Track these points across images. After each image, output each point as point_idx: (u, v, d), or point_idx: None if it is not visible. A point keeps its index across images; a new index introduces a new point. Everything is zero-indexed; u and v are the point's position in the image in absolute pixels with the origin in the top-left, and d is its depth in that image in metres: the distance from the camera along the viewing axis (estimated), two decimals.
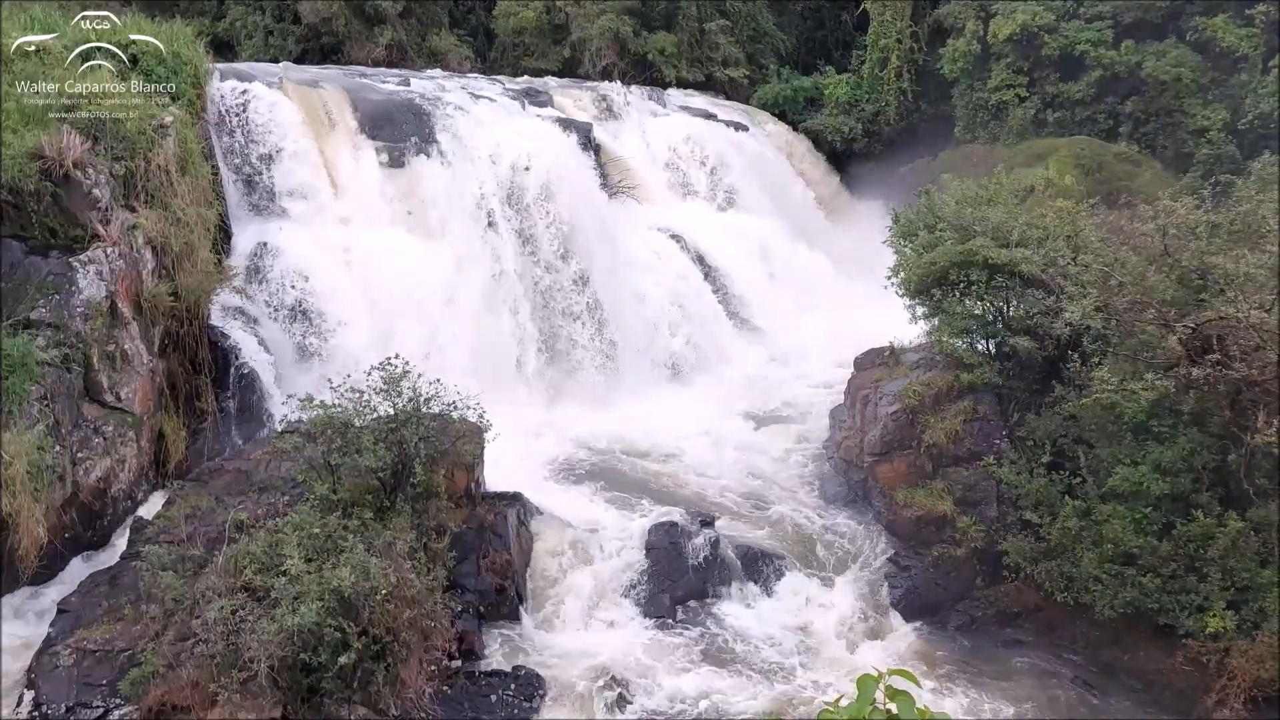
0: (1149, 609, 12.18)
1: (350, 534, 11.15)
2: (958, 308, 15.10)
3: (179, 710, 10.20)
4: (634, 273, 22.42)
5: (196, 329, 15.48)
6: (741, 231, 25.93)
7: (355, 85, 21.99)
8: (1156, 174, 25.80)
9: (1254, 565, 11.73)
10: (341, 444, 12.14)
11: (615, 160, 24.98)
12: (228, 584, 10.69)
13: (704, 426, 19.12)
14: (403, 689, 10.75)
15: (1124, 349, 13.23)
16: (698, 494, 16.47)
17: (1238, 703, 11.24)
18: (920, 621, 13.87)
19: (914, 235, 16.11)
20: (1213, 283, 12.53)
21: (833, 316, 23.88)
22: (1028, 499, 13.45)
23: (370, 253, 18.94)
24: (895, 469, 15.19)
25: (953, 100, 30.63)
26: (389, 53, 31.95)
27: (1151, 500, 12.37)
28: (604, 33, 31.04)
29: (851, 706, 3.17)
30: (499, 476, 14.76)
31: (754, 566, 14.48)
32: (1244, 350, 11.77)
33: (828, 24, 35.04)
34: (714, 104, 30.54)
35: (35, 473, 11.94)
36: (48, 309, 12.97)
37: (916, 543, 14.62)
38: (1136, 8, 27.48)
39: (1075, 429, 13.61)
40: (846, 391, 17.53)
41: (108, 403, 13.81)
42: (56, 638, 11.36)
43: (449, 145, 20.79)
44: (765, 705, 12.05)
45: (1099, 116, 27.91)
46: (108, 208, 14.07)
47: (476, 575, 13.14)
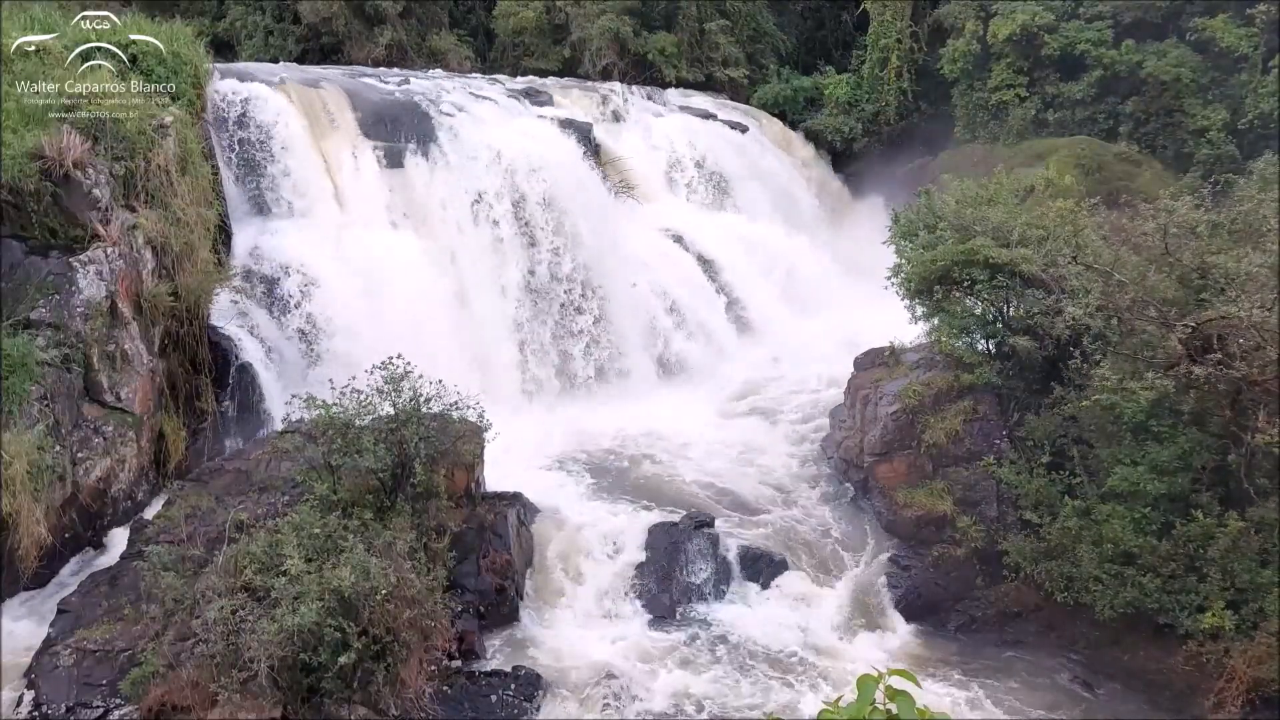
0: (1149, 609, 12.17)
1: (350, 534, 11.15)
2: (958, 307, 15.10)
3: (179, 710, 10.20)
4: (635, 272, 22.42)
5: (196, 329, 15.49)
6: (741, 232, 25.94)
7: (355, 85, 21.99)
8: (1156, 174, 25.78)
9: (1254, 565, 11.72)
10: (342, 444, 12.14)
11: (615, 160, 24.99)
12: (228, 584, 10.69)
13: (704, 426, 19.13)
14: (403, 689, 10.75)
15: (1124, 348, 13.23)
16: (698, 494, 16.47)
17: (1237, 703, 11.23)
18: (920, 621, 13.86)
19: (914, 235, 16.09)
20: (1213, 282, 12.53)
21: (833, 316, 23.88)
22: (1028, 499, 13.45)
23: (370, 252, 18.94)
24: (895, 469, 15.20)
25: (953, 100, 30.61)
26: (389, 53, 31.94)
27: (1151, 500, 12.36)
28: (604, 33, 31.03)
29: (851, 706, 3.17)
30: (499, 476, 14.76)
31: (754, 566, 14.49)
32: (1244, 350, 11.77)
33: (828, 24, 35.02)
34: (714, 104, 30.54)
35: (35, 473, 11.95)
36: (48, 309, 12.97)
37: (916, 543, 14.62)
38: (1136, 8, 27.48)
39: (1075, 429, 13.61)
40: (846, 391, 17.53)
41: (108, 403, 13.81)
42: (56, 638, 11.37)
43: (449, 145, 20.79)
44: (765, 705, 12.05)
45: (1099, 116, 27.90)
46: (108, 208, 14.07)
47: (476, 575, 13.14)
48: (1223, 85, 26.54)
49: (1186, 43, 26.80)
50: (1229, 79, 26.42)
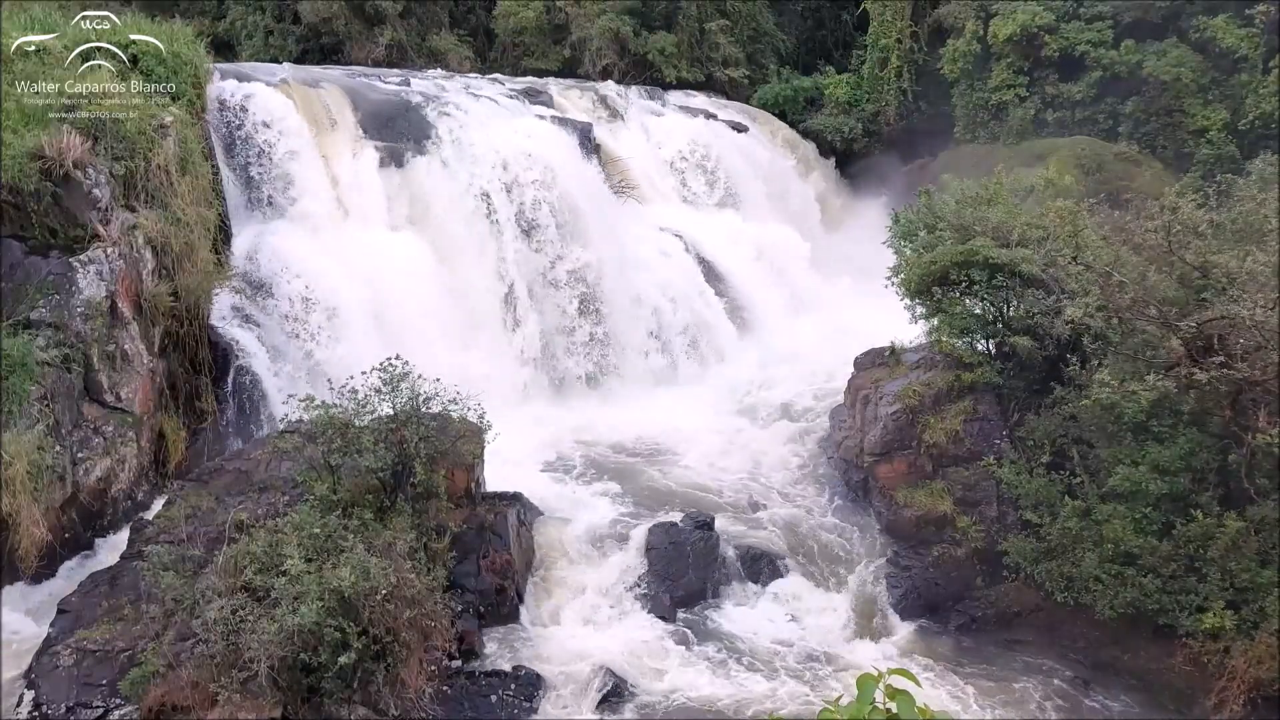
0: (1149, 609, 12.17)
1: (350, 534, 11.15)
2: (958, 308, 15.10)
3: (179, 710, 10.20)
4: (634, 272, 22.42)
5: (196, 329, 15.48)
6: (741, 232, 25.93)
7: (355, 85, 22.00)
8: (1156, 174, 25.79)
9: (1254, 565, 11.71)
10: (341, 444, 12.15)
11: (615, 160, 25.00)
12: (228, 584, 10.69)
13: (704, 426, 19.11)
14: (403, 689, 10.74)
15: (1125, 348, 13.23)
16: (697, 494, 16.46)
17: (1238, 703, 11.23)
18: (920, 621, 13.86)
19: (914, 235, 16.10)
20: (1214, 282, 12.53)
21: (833, 316, 23.89)
22: (1028, 499, 13.45)
23: (370, 252, 18.94)
24: (895, 469, 15.19)
25: (953, 100, 30.61)
26: (389, 53, 31.97)
27: (1151, 500, 12.36)
28: (604, 33, 31.04)
29: (851, 706, 3.17)
30: (499, 476, 14.75)
31: (753, 566, 14.48)
32: (1245, 350, 11.77)
33: (828, 24, 35.03)
34: (714, 104, 30.54)
35: (35, 473, 11.94)
36: (48, 309, 12.96)
37: (916, 543, 14.61)
38: (1136, 8, 27.47)
39: (1075, 429, 13.61)
40: (846, 391, 17.53)
41: (108, 403, 13.81)
42: (56, 638, 11.35)
43: (449, 145, 20.80)
44: (765, 705, 12.04)
45: (1099, 116, 27.90)
46: (108, 208, 14.07)
47: (476, 575, 13.14)
48: (1223, 85, 26.52)
49: (1186, 43, 26.79)
50: (1229, 79, 26.40)
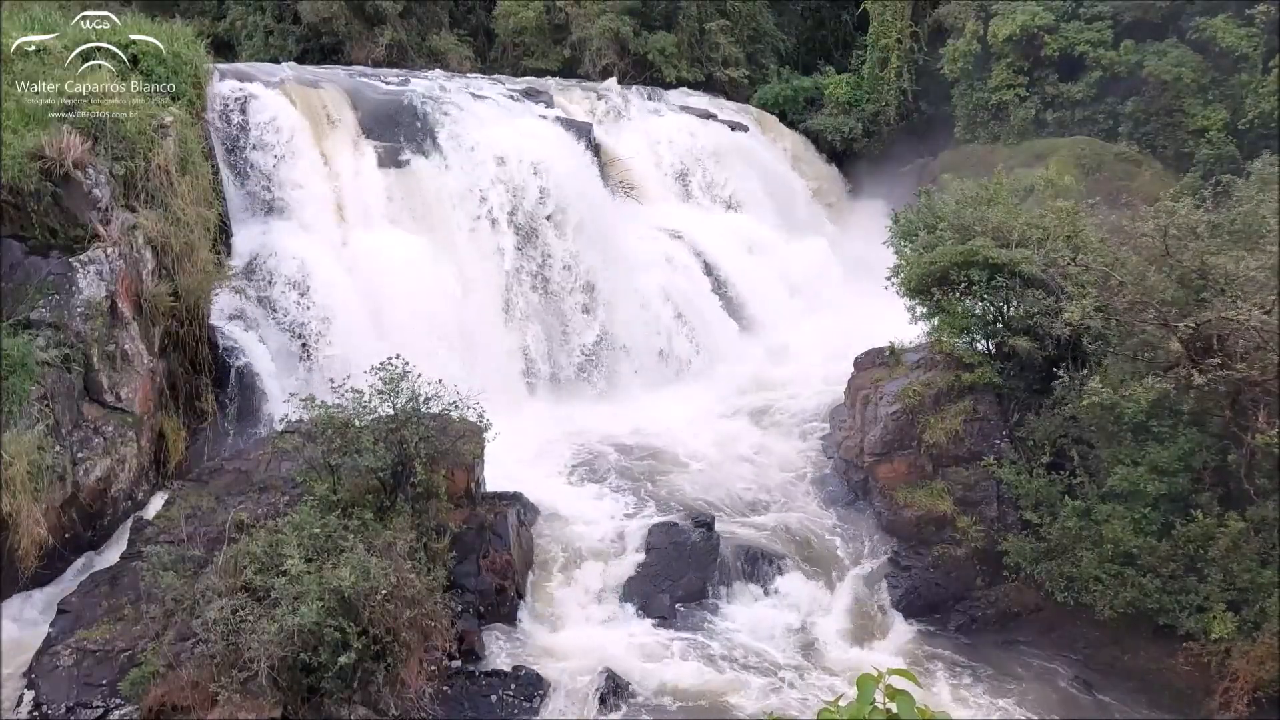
0: (1149, 609, 12.17)
1: (350, 534, 11.15)
2: (958, 308, 15.11)
3: (179, 710, 10.20)
4: (635, 272, 22.42)
5: (196, 329, 15.47)
6: (742, 231, 25.93)
7: (355, 85, 21.96)
8: (1156, 174, 25.79)
9: (1254, 565, 11.72)
10: (341, 444, 12.15)
11: (615, 160, 24.98)
12: (228, 584, 10.69)
13: (704, 425, 19.12)
14: (403, 689, 10.75)
15: (1124, 349, 13.23)
16: (698, 493, 16.46)
17: (1242, 703, 11.23)
18: (920, 621, 13.87)
19: (914, 235, 16.10)
20: (1213, 283, 12.53)
21: (833, 316, 23.87)
22: (1028, 499, 13.45)
23: (371, 252, 18.92)
24: (895, 469, 15.19)
25: (953, 100, 30.60)
26: (389, 53, 31.94)
27: (1151, 500, 12.36)
28: (604, 33, 31.02)
29: (851, 706, 3.17)
30: (499, 476, 14.75)
31: (754, 566, 14.48)
32: (1245, 350, 11.77)
33: (828, 24, 35.01)
34: (714, 104, 30.51)
35: (35, 473, 11.94)
36: (48, 309, 12.95)
37: (916, 543, 14.62)
38: (1136, 8, 27.46)
39: (1075, 429, 13.61)
40: (846, 391, 17.53)
41: (108, 403, 13.81)
42: (56, 638, 11.36)
43: (449, 145, 20.78)
44: (765, 705, 12.05)
45: (1099, 116, 27.89)
46: (108, 208, 14.06)
47: (476, 575, 13.14)
48: (1223, 85, 26.50)
49: (1186, 43, 26.77)
50: (1229, 79, 26.38)
